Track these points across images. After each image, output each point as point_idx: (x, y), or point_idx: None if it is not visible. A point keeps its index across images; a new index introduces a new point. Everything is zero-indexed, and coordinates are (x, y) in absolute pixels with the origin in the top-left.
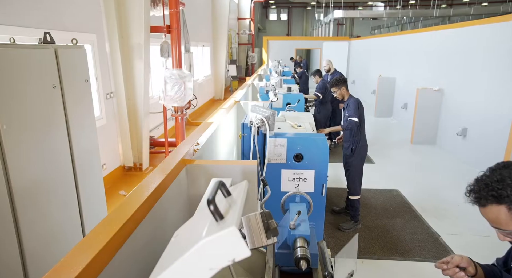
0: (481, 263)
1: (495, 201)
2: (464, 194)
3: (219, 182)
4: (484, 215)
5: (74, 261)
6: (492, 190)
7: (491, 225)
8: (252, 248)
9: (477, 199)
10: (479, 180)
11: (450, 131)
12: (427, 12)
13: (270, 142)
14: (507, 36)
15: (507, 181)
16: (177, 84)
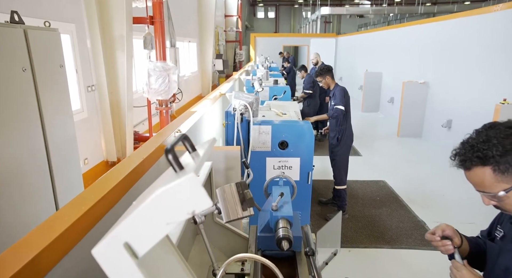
0: (468, 237)
1: (480, 162)
2: (450, 158)
3: (182, 135)
4: (469, 179)
5: (34, 241)
6: (478, 151)
7: (476, 189)
8: (227, 221)
9: (462, 162)
10: (464, 142)
11: (436, 123)
12: (412, 9)
13: (254, 129)
14: (489, 28)
15: (492, 141)
16: (161, 76)
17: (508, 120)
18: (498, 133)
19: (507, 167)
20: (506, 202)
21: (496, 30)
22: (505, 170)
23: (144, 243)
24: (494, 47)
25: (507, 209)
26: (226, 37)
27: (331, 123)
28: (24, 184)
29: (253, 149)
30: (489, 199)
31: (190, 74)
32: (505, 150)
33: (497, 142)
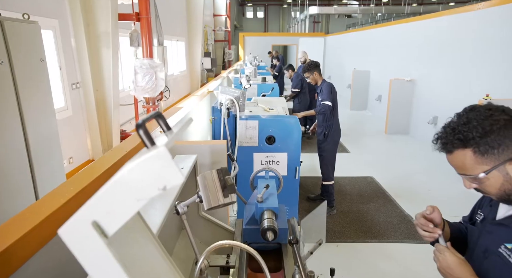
0: (451, 223)
1: (461, 144)
2: (432, 142)
3: (156, 112)
4: (451, 162)
5: (8, 233)
6: (459, 133)
7: (458, 172)
8: (208, 208)
9: (444, 145)
10: (446, 126)
11: (422, 120)
12: (398, 9)
13: (241, 124)
14: (472, 26)
15: (472, 123)
16: (148, 74)
17: (488, 103)
18: (478, 115)
19: (486, 148)
20: (486, 183)
21: (479, 28)
22: (485, 151)
23: (113, 221)
24: (478, 44)
25: (488, 191)
26: (215, 36)
27: (318, 119)
28: (3, 182)
29: (240, 144)
30: (470, 182)
31: (178, 73)
32: (484, 131)
33: (477, 124)
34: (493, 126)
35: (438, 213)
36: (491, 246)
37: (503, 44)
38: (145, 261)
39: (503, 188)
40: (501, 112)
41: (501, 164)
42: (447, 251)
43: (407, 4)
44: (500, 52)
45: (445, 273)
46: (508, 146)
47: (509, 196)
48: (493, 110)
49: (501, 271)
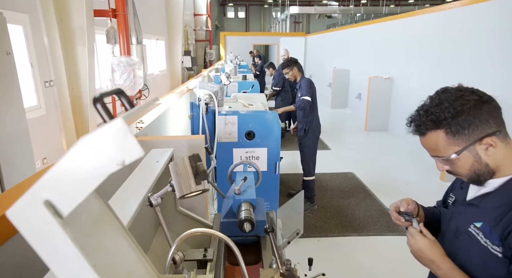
0: (425, 207)
1: (433, 126)
2: (406, 125)
3: (117, 89)
4: (424, 144)
5: None
6: (431, 114)
7: (431, 155)
8: (180, 196)
9: (417, 127)
10: (419, 109)
11: (400, 117)
12: (377, 9)
13: (220, 119)
14: (446, 25)
15: (444, 104)
16: (126, 72)
17: (459, 84)
18: (450, 96)
19: (457, 128)
20: (457, 164)
21: (452, 26)
22: (456, 131)
23: (68, 200)
24: (452, 42)
25: (459, 172)
26: (196, 36)
27: (299, 115)
28: None
29: (219, 139)
30: (443, 164)
31: (158, 73)
32: (456, 111)
33: (449, 104)
34: (464, 107)
35: (412, 204)
36: (461, 226)
37: (475, 42)
38: (113, 253)
39: (473, 168)
40: (471, 93)
41: (471, 144)
42: (418, 235)
43: (385, 5)
44: (473, 50)
45: (417, 256)
46: (477, 126)
47: (478, 177)
48: (463, 91)
49: (470, 249)
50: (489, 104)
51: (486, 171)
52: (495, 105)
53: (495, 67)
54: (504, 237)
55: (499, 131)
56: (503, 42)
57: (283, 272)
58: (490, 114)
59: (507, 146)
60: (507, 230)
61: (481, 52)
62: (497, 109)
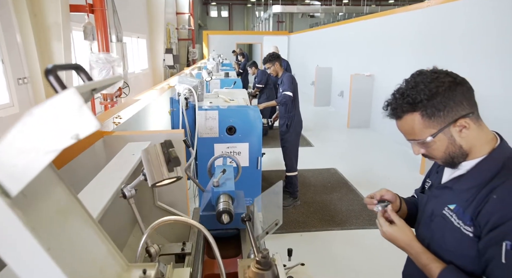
0: (406, 198)
1: (410, 108)
2: (382, 109)
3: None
4: (400, 128)
5: None
6: (407, 96)
7: (407, 139)
8: (152, 183)
9: (394, 110)
10: (395, 92)
11: (381, 114)
12: (358, 9)
13: (200, 114)
14: (424, 22)
15: (420, 86)
16: (105, 69)
17: (434, 67)
18: (425, 78)
19: (433, 110)
20: (433, 147)
21: (429, 24)
22: (431, 114)
23: (16, 179)
24: (430, 39)
25: (434, 155)
26: (179, 35)
27: (280, 111)
28: None
29: (200, 135)
30: (419, 147)
31: (140, 71)
32: (431, 93)
33: (424, 86)
34: (439, 89)
35: (388, 194)
36: (436, 209)
37: (452, 39)
38: (79, 242)
39: (447, 151)
40: (446, 75)
41: (446, 126)
42: (385, 224)
43: (366, 5)
44: (450, 46)
45: (392, 243)
46: (452, 108)
47: (453, 159)
48: (438, 73)
49: (444, 231)
50: (463, 86)
51: (460, 153)
52: (468, 87)
53: (472, 63)
54: (474, 216)
55: (472, 113)
56: (480, 38)
57: (259, 260)
58: (464, 95)
59: (479, 128)
60: (477, 210)
61: (458, 48)
62: (470, 91)
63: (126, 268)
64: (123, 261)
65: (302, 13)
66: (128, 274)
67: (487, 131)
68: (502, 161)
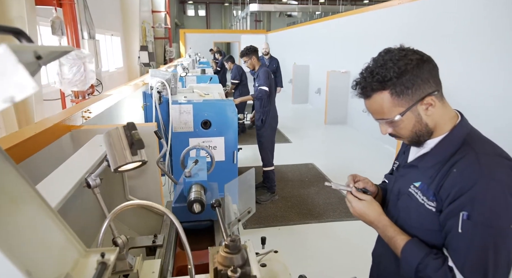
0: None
1: (379, 86)
2: (351, 88)
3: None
4: (369, 107)
5: None
6: (377, 74)
7: (376, 118)
8: (115, 167)
9: (363, 89)
10: (363, 71)
11: (357, 109)
12: (334, 8)
13: (174, 108)
14: (396, 20)
15: (388, 64)
16: (76, 65)
17: (401, 45)
18: (393, 56)
19: (402, 89)
20: (401, 126)
21: (401, 21)
22: (400, 92)
23: None
24: (404, 35)
25: (401, 134)
26: (155, 33)
27: (256, 105)
28: None
29: (174, 129)
30: (387, 126)
31: (115, 70)
32: (400, 70)
33: (393, 64)
34: (407, 66)
35: (373, 188)
36: (403, 188)
37: (424, 36)
38: (33, 232)
39: (414, 129)
40: (413, 52)
41: (414, 104)
42: (354, 200)
43: (341, 4)
44: (422, 43)
45: (362, 219)
46: (419, 86)
47: (419, 137)
48: (406, 51)
49: (409, 208)
50: (429, 63)
51: (426, 131)
52: (434, 65)
53: (446, 60)
54: (437, 191)
55: (437, 90)
56: (450, 38)
57: (227, 243)
58: (430, 73)
59: (443, 106)
60: (439, 185)
61: (431, 44)
62: (435, 69)
63: (84, 254)
64: (81, 247)
65: (279, 13)
66: (85, 259)
67: (450, 109)
68: (462, 137)
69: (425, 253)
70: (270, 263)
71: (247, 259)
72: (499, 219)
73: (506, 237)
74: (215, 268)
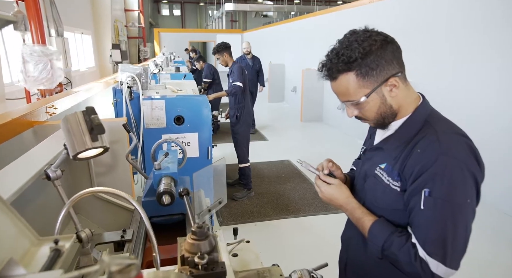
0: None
1: (345, 67)
2: (318, 70)
3: None
4: (336, 89)
5: None
6: (342, 55)
7: (342, 100)
8: (74, 154)
9: (330, 71)
10: (328, 53)
11: (332, 106)
12: (309, 8)
13: (146, 104)
14: (366, 18)
15: (353, 44)
16: (41, 62)
17: (365, 26)
18: (358, 37)
19: (367, 70)
20: (366, 108)
21: (374, 19)
22: (365, 73)
23: None
24: None
25: (367, 116)
26: (128, 33)
27: (230, 101)
28: None
29: (146, 126)
30: (353, 109)
31: (86, 69)
32: (365, 51)
33: (358, 45)
34: (372, 47)
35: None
36: (369, 170)
37: (393, 33)
38: None
39: (379, 111)
40: (378, 34)
41: (379, 85)
42: (323, 185)
43: (316, 4)
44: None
45: (331, 203)
46: (384, 67)
47: (384, 119)
48: (370, 32)
49: (375, 189)
50: (393, 44)
51: (390, 113)
52: (397, 46)
53: (417, 57)
54: (401, 171)
55: (401, 72)
56: (422, 35)
57: (194, 230)
58: (393, 54)
59: (406, 88)
60: (403, 165)
61: (403, 41)
62: (398, 50)
63: (36, 243)
64: (33, 236)
65: (255, 12)
66: (37, 248)
67: (413, 91)
68: (424, 118)
69: (391, 232)
70: (242, 252)
71: (215, 245)
72: (457, 194)
73: (463, 210)
74: (181, 256)
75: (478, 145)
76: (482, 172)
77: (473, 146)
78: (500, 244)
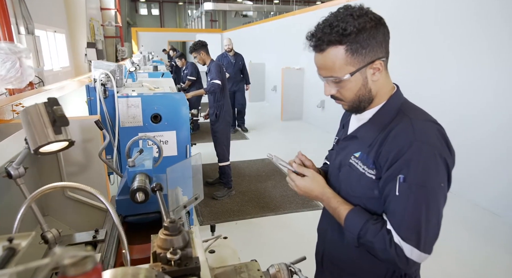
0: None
1: (337, 39)
2: (306, 38)
3: None
4: (320, 62)
5: None
6: (337, 27)
7: (324, 75)
8: (35, 147)
9: (319, 41)
10: (320, 23)
11: (312, 105)
12: (288, 8)
13: (121, 102)
14: None
15: (349, 18)
16: (9, 60)
17: (360, 4)
18: (354, 12)
19: (357, 47)
20: (347, 87)
21: None
22: (355, 50)
23: None
24: None
25: (345, 97)
26: (105, 32)
27: (209, 100)
28: None
29: (122, 124)
30: (333, 86)
31: (60, 69)
32: (360, 26)
33: (353, 20)
34: (367, 24)
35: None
36: (343, 159)
37: None
38: None
39: (358, 93)
40: (373, 13)
41: (365, 65)
42: (297, 178)
43: (295, 4)
44: None
45: (306, 195)
46: (373, 48)
47: (360, 103)
48: (366, 10)
49: (351, 178)
50: (385, 27)
51: (368, 97)
52: (388, 31)
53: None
54: (376, 159)
55: (386, 57)
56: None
57: (166, 225)
58: (384, 37)
59: (386, 75)
60: (378, 152)
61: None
62: (388, 35)
63: None
64: None
65: (235, 12)
66: None
67: (390, 81)
68: (398, 106)
69: (366, 220)
70: (219, 249)
71: (188, 241)
72: (431, 179)
73: (437, 195)
74: (153, 252)
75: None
76: (452, 157)
77: (444, 132)
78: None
